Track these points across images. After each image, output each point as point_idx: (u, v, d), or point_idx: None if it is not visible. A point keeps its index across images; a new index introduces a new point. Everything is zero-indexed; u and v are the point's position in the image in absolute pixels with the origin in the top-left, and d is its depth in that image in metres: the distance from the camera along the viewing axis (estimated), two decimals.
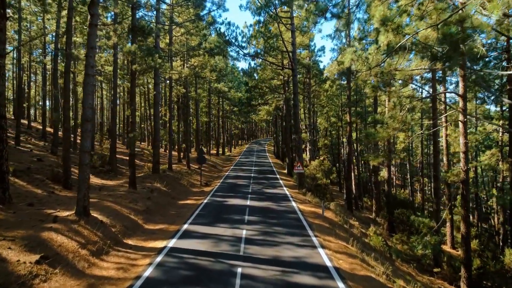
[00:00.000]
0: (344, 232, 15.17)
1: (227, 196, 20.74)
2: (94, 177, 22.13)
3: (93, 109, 17.06)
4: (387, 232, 20.29)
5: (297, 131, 24.61)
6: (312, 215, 16.38)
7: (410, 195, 44.41)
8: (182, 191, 22.59)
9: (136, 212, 14.77)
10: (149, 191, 18.82)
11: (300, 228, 13.58)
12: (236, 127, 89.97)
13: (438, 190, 17.86)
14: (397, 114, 14.00)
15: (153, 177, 22.07)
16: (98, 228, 11.30)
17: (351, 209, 24.40)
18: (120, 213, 13.76)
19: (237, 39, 23.19)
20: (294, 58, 23.89)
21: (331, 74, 26.91)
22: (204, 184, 26.63)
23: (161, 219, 15.17)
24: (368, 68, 11.42)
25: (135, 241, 11.81)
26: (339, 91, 42.48)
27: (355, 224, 20.34)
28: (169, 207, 17.86)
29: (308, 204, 19.72)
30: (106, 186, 19.81)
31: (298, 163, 23.52)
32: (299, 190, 24.20)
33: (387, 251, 16.60)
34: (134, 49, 15.79)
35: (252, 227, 13.40)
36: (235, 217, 15.22)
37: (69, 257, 9.34)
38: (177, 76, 25.57)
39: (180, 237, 12.02)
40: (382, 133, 14.65)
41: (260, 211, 16.55)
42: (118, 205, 14.70)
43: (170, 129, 28.71)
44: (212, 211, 16.39)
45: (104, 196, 16.16)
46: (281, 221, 14.54)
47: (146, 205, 16.13)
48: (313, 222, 14.91)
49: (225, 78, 52.16)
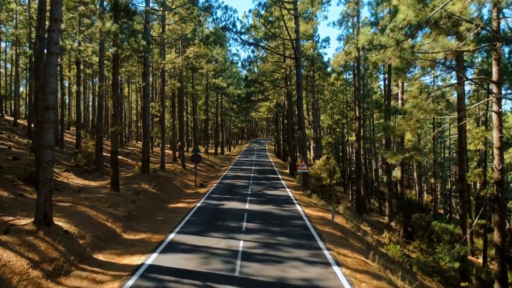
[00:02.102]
0: (358, 242, 13.00)
1: (223, 198, 18.57)
2: (76, 178, 19.97)
3: (56, 94, 14.82)
4: (403, 239, 18.18)
5: (301, 126, 22.43)
6: (321, 221, 14.20)
7: (417, 195, 42.18)
8: (173, 193, 20.41)
9: (115, 219, 12.60)
10: (134, 193, 16.64)
11: (308, 238, 11.40)
12: (236, 126, 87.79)
13: (465, 192, 15.69)
14: (422, 103, 11.81)
15: (142, 178, 19.90)
16: (60, 241, 9.13)
17: (361, 213, 22.26)
18: (95, 220, 11.59)
19: (235, 24, 21.01)
20: (297, 47, 21.70)
21: (337, 65, 24.76)
22: (199, 185, 24.45)
23: (144, 227, 12.98)
24: (395, 43, 9.23)
25: (107, 256, 9.63)
26: (344, 87, 40.34)
27: (367, 230, 18.16)
28: (157, 211, 15.68)
29: (315, 207, 17.55)
30: (87, 187, 17.64)
31: (302, 162, 21.34)
32: (303, 192, 22.03)
33: (406, 262, 14.42)
34: (115, 29, 13.61)
35: (251, 237, 11.23)
36: (231, 224, 13.04)
37: (13, 281, 7.18)
38: (170, 66, 23.40)
39: (163, 251, 9.84)
40: (404, 126, 12.49)
41: (260, 216, 14.38)
42: (94, 210, 12.53)
43: (162, 125, 26.53)
44: (205, 217, 14.21)
45: (81, 199, 13.99)
46: (285, 229, 12.37)
47: (128, 210, 13.95)
48: (322, 230, 12.73)
49: (224, 74, 49.98)
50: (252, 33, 26.87)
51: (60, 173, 19.90)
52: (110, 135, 15.19)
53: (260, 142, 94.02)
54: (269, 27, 22.77)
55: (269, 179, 26.96)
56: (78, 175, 20.63)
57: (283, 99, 37.53)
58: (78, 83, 26.47)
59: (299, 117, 22.53)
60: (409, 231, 18.06)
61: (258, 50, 32.19)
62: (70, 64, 30.26)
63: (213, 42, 22.53)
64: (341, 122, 41.14)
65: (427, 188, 52.16)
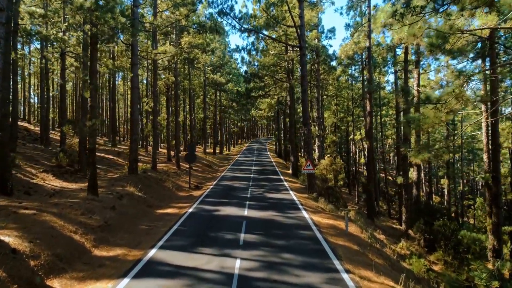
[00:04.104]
0: (379, 257, 10.85)
1: (219, 203, 16.43)
2: (55, 179, 17.84)
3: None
4: (424, 250, 16.08)
5: (305, 122, 20.27)
6: (332, 231, 12.06)
7: (426, 197, 40.00)
8: (164, 196, 18.27)
9: (87, 229, 10.45)
10: (117, 197, 14.49)
11: (320, 255, 9.26)
12: (236, 125, 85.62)
13: (500, 198, 13.54)
14: (460, 90, 9.66)
15: (128, 179, 17.74)
16: (1, 264, 6.99)
17: (372, 218, 20.13)
18: (58, 233, 9.45)
19: (232, 8, 18.89)
20: (302, 33, 19.55)
21: (345, 56, 22.62)
22: (194, 187, 22.31)
23: (122, 239, 10.84)
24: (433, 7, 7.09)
25: (64, 283, 7.48)
26: (350, 82, 38.18)
27: (381, 238, 16.02)
28: (141, 218, 13.53)
29: (323, 213, 15.40)
30: (64, 190, 15.50)
31: (307, 162, 19.21)
32: (308, 195, 19.89)
33: (433, 278, 12.26)
34: (90, 4, 11.46)
35: (250, 254, 9.10)
36: (226, 235, 10.90)
37: None
38: (163, 57, 21.24)
39: (138, 275, 7.71)
40: (433, 118, 10.33)
41: (261, 225, 12.25)
42: (62, 220, 10.39)
43: (155, 121, 24.40)
44: (196, 226, 12.08)
45: (50, 205, 11.85)
46: (291, 243, 10.23)
47: (105, 218, 11.81)
48: (336, 243, 10.59)
49: (222, 70, 47.83)
50: (252, 23, 24.73)
51: (37, 174, 17.77)
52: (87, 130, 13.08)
53: (261, 141, 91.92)
54: (270, 11, 20.59)
55: (270, 180, 24.82)
56: (58, 176, 18.48)
57: (284, 95, 35.36)
58: (63, 76, 24.31)
59: (304, 112, 20.38)
60: (430, 240, 15.97)
61: (259, 42, 30.08)
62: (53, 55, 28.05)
63: (209, 30, 20.39)
64: (346, 119, 38.95)
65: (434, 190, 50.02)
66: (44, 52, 26.86)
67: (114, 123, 37.30)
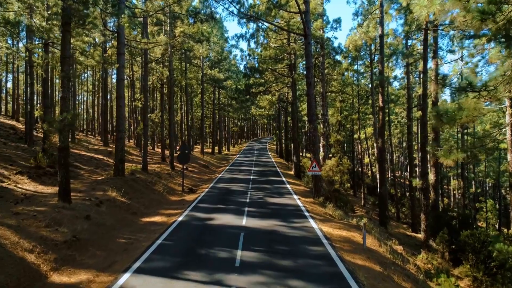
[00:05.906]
0: (406, 279, 8.89)
1: (214, 209, 14.46)
2: (30, 182, 15.85)
3: None
4: (449, 264, 14.12)
5: (311, 119, 18.30)
6: (347, 246, 10.09)
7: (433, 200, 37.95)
8: (152, 202, 16.29)
9: (48, 246, 8.49)
10: (95, 203, 12.52)
11: (337, 281, 7.30)
12: (235, 124, 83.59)
13: None
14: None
15: (112, 182, 15.75)
16: None
17: (385, 225, 18.17)
18: (7, 253, 7.48)
19: None
20: (307, 20, 17.59)
21: (353, 47, 20.67)
22: (187, 190, 20.35)
23: (93, 257, 8.88)
24: None
25: None
26: (356, 78, 36.22)
27: (399, 249, 14.05)
28: (121, 229, 11.55)
29: (333, 222, 13.43)
30: (35, 196, 13.52)
31: (313, 162, 17.26)
32: (314, 199, 17.92)
33: None
34: None
35: (248, 282, 7.14)
36: (220, 253, 8.93)
37: None
38: (153, 45, 19.25)
39: None
40: (471, 110, 8.37)
41: (262, 239, 10.28)
42: (18, 234, 8.45)
43: (145, 118, 22.41)
44: (184, 240, 10.12)
45: (10, 214, 9.89)
46: (299, 263, 8.27)
47: (75, 231, 9.83)
48: (354, 263, 8.63)
49: (221, 66, 45.87)
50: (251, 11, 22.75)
51: (9, 176, 15.77)
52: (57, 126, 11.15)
53: (261, 141, 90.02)
54: None
55: (271, 183, 22.85)
56: (34, 179, 16.49)
57: (286, 91, 33.38)
58: (46, 69, 22.35)
59: (310, 108, 18.39)
60: (453, 251, 13.99)
61: (259, 34, 28.11)
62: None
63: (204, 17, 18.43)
64: (351, 117, 36.95)
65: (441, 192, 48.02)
66: (27, 43, 24.88)
67: (106, 121, 35.29)
